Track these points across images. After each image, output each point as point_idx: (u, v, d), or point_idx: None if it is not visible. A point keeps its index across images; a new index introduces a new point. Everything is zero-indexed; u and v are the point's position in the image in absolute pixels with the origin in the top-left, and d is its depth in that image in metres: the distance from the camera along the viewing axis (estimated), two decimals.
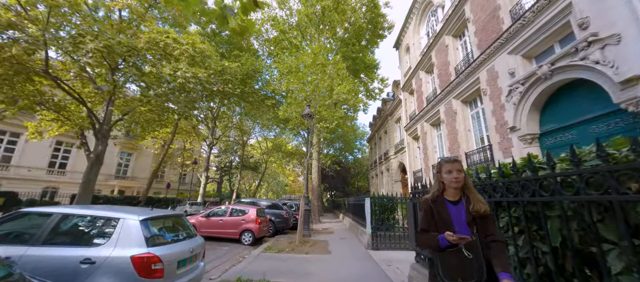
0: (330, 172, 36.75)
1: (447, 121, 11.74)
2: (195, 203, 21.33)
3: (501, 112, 8.25)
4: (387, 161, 22.92)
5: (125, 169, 28.98)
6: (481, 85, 9.27)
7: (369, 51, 22.42)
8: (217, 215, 8.70)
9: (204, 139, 28.56)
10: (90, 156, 14.46)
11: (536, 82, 6.87)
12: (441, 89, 12.34)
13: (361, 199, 9.88)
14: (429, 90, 14.52)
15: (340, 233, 11.20)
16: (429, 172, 13.69)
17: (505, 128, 8.00)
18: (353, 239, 9.30)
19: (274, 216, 10.64)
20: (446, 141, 11.80)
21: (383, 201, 8.02)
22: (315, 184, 17.12)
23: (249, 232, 8.19)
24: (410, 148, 16.95)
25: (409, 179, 17.10)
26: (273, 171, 57.23)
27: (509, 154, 7.89)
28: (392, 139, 21.73)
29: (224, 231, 8.36)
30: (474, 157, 9.95)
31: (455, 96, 11.08)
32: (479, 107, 10.10)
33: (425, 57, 14.49)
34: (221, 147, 42.40)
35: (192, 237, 3.82)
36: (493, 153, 8.62)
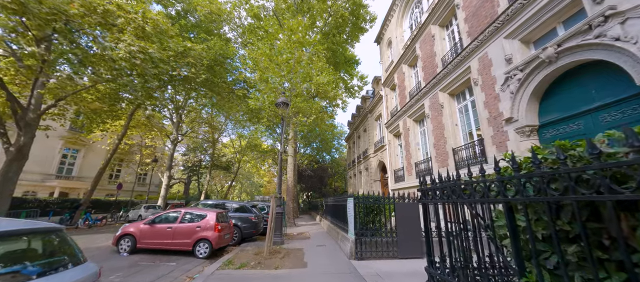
0: (307, 172, 35.44)
1: (433, 116, 11.03)
2: (153, 206, 18.77)
3: (495, 103, 7.55)
4: (366, 159, 22.16)
5: (71, 168, 25.08)
6: (472, 75, 8.57)
7: (349, 45, 21.51)
8: (165, 221, 6.94)
9: (168, 135, 25.68)
10: (9, 149, 11.66)
11: (538, 68, 6.18)
12: (426, 82, 11.63)
13: (342, 199, 8.70)
14: (412, 85, 13.85)
15: (317, 238, 9.92)
16: (412, 171, 12.96)
17: (500, 120, 7.30)
18: (333, 246, 8.06)
19: (241, 220, 9.06)
20: (431, 136, 11.08)
21: (368, 201, 6.89)
22: (291, 184, 15.69)
23: (205, 242, 6.58)
24: (391, 146, 16.22)
25: (389, 179, 16.36)
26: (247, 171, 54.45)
27: (503, 148, 7.18)
28: (372, 137, 21.00)
29: (173, 241, 6.65)
30: (462, 153, 9.26)
31: (442, 89, 10.37)
32: (468, 100, 9.45)
33: (408, 50, 13.80)
34: (189, 144, 39.13)
35: (78, 264, 2.28)
36: (485, 148, 7.92)
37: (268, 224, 6.31)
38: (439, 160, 10.47)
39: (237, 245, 8.67)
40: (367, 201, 6.87)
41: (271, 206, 6.36)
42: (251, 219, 9.19)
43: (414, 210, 6.69)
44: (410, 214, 6.63)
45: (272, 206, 6.44)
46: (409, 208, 6.69)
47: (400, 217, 6.57)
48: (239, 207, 10.09)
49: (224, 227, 7.18)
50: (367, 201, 6.87)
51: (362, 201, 6.84)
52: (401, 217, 6.57)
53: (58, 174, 23.82)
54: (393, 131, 15.98)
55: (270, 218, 6.30)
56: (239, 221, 9.03)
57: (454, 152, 9.53)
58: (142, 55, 9.09)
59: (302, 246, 8.03)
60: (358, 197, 6.87)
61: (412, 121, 13.39)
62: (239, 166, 39.92)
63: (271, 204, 6.41)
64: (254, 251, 7.04)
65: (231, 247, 8.38)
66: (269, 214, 6.53)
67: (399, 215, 6.58)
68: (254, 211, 9.70)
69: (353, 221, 6.73)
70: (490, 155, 7.65)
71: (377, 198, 6.95)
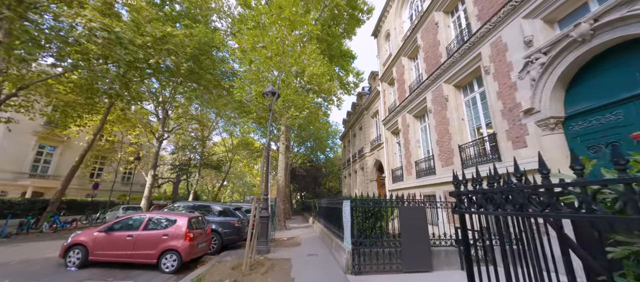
0: (301, 172, 34.35)
1: (436, 110, 10.12)
2: (133, 207, 17.41)
3: (511, 93, 6.65)
4: (361, 159, 21.23)
5: (46, 166, 23.40)
6: (482, 62, 7.66)
7: (345, 40, 20.50)
8: (125, 228, 5.79)
9: (153, 131, 24.26)
10: None
11: (567, 49, 5.28)
12: (428, 74, 10.73)
13: (336, 201, 7.68)
14: (412, 78, 12.93)
15: (309, 245, 8.88)
16: (412, 170, 12.04)
17: (517, 112, 6.40)
18: (326, 256, 7.03)
19: (222, 225, 7.95)
20: (434, 133, 10.17)
21: (368, 205, 5.89)
22: (282, 184, 14.59)
23: (172, 254, 5.47)
24: (389, 144, 15.31)
25: (386, 178, 15.44)
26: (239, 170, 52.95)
27: (521, 143, 6.28)
28: (368, 135, 20.08)
29: (134, 253, 5.51)
30: (470, 150, 8.36)
31: (447, 80, 9.47)
32: (476, 91, 8.55)
33: (408, 41, 12.88)
34: (178, 142, 37.55)
35: None
36: (498, 144, 7.01)
37: (249, 231, 5.25)
38: (442, 158, 9.56)
39: (216, 254, 7.56)
40: (367, 204, 5.87)
41: (252, 210, 5.29)
42: (233, 223, 8.08)
43: (420, 215, 5.72)
44: (416, 220, 5.66)
45: (253, 210, 5.37)
46: (415, 213, 5.72)
47: (405, 223, 5.59)
48: (222, 210, 8.97)
49: (198, 234, 6.08)
50: (367, 205, 5.86)
51: (361, 205, 5.84)
52: (406, 223, 5.59)
53: (32, 172, 22.15)
54: (391, 128, 15.07)
55: (251, 225, 5.24)
56: (219, 226, 7.91)
57: (460, 149, 8.62)
58: (106, 34, 7.88)
59: (291, 256, 6.98)
60: (355, 200, 5.87)
61: (412, 117, 12.48)
62: (230, 165, 38.55)
63: (252, 208, 5.34)
64: (233, 263, 5.96)
65: (209, 257, 7.27)
66: (250, 220, 5.46)
67: (404, 221, 5.60)
68: (237, 214, 8.59)
69: (350, 228, 5.72)
70: (504, 152, 6.75)
71: (377, 201, 5.96)
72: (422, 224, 5.66)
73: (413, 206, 5.82)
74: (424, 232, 5.63)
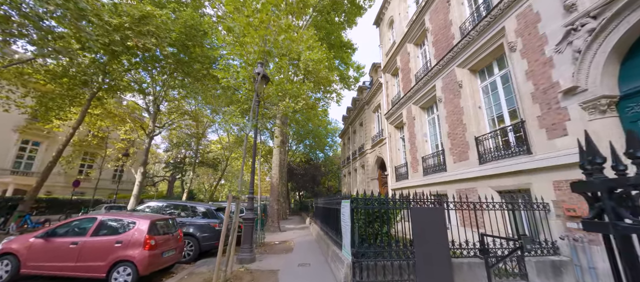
0: (299, 171, 33.19)
1: (447, 99, 8.98)
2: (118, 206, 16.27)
3: (544, 71, 5.51)
4: (362, 156, 20.09)
5: (30, 163, 22.25)
6: (507, 38, 6.52)
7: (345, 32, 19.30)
8: (71, 233, 4.66)
9: (143, 127, 23.11)
10: None
11: (628, 7, 4.13)
12: (438, 59, 9.58)
13: (334, 201, 6.54)
14: (418, 66, 11.79)
15: (302, 250, 7.74)
16: (418, 167, 10.91)
17: (554, 93, 5.26)
18: (320, 266, 5.89)
19: (200, 228, 6.79)
20: (444, 124, 9.03)
21: (371, 206, 4.74)
22: (276, 182, 13.43)
23: (126, 266, 4.33)
24: (392, 139, 14.17)
25: (389, 177, 14.31)
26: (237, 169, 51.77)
27: (559, 131, 5.15)
28: (369, 130, 18.94)
29: (78, 265, 4.36)
30: (488, 143, 7.22)
31: (461, 63, 8.32)
32: (497, 74, 7.40)
33: (415, 26, 11.73)
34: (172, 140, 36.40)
35: None
36: (527, 133, 5.87)
37: (221, 238, 4.10)
38: (455, 152, 8.42)
39: (191, 262, 6.42)
40: (371, 205, 4.72)
41: (226, 211, 4.12)
42: (213, 226, 6.94)
43: (437, 219, 4.58)
44: (432, 224, 4.52)
45: (227, 211, 4.19)
46: (431, 216, 4.58)
47: (419, 229, 4.45)
48: (206, 211, 7.82)
49: (164, 241, 4.95)
50: (371, 206, 4.72)
51: (363, 206, 4.70)
52: (420, 229, 4.45)
53: (14, 169, 21.00)
54: (394, 122, 13.93)
55: (223, 230, 4.09)
56: (197, 229, 6.77)
57: (477, 141, 7.48)
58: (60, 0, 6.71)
59: (279, 266, 5.84)
60: (356, 200, 4.73)
61: (418, 108, 11.34)
62: (226, 163, 37.40)
63: (227, 208, 4.18)
64: (206, 276, 4.82)
65: (183, 266, 6.14)
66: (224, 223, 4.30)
67: (417, 226, 4.46)
68: (220, 216, 7.43)
69: (350, 234, 4.58)
70: (536, 143, 5.61)
71: (383, 201, 4.81)
72: (440, 230, 4.52)
73: (429, 207, 4.68)
74: (442, 240, 4.49)
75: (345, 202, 5.08)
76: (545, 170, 5.33)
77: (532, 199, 5.52)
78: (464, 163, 7.92)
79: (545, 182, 5.37)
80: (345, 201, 5.03)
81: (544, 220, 5.28)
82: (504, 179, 6.39)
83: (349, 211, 4.70)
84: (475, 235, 5.16)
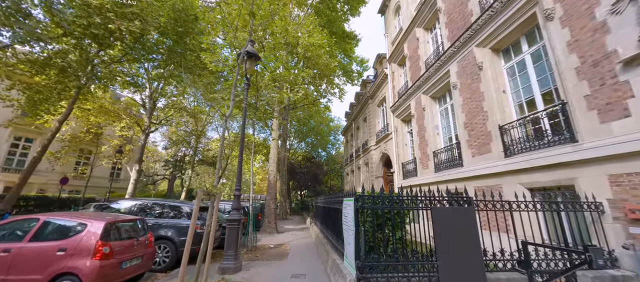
0: (301, 170, 32.22)
1: (464, 84, 7.93)
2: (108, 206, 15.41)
3: (595, 38, 4.45)
4: (366, 153, 19.06)
5: (23, 160, 21.61)
6: (541, 5, 5.44)
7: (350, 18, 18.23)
8: (6, 238, 3.74)
9: (138, 123, 22.36)
10: None
11: None
12: (452, 41, 8.53)
13: (335, 200, 5.55)
14: (428, 52, 10.73)
15: (298, 257, 6.77)
16: (428, 162, 9.87)
17: (610, 65, 4.21)
18: (318, 279, 4.91)
19: (178, 231, 5.83)
20: (460, 114, 7.98)
21: (382, 205, 3.73)
22: (274, 178, 12.47)
23: (70, 281, 3.41)
24: (399, 133, 13.13)
25: (395, 174, 13.28)
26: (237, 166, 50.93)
27: (617, 112, 4.09)
28: (374, 126, 17.89)
29: (9, 278, 3.45)
30: (515, 132, 6.16)
31: (481, 43, 7.27)
32: (526, 52, 6.32)
33: (424, 8, 10.67)
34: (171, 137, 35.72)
35: None
36: (571, 117, 4.81)
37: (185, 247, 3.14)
38: (473, 144, 7.37)
39: (167, 271, 5.48)
40: (380, 204, 3.72)
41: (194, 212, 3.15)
42: (195, 229, 6.00)
43: (467, 221, 3.56)
44: (460, 228, 3.51)
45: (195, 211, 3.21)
46: (458, 218, 3.57)
47: (443, 234, 3.44)
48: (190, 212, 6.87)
49: (123, 247, 4.00)
50: (381, 205, 3.72)
51: (370, 205, 3.70)
52: (444, 234, 3.44)
53: (5, 166, 20.38)
54: (401, 115, 12.89)
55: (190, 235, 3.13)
56: (176, 233, 5.83)
57: (501, 131, 6.43)
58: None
59: (268, 277, 4.87)
60: (362, 197, 3.73)
61: (428, 98, 10.29)
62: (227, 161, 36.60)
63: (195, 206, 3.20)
64: None
65: (155, 276, 5.20)
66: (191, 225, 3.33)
67: (441, 230, 3.45)
68: (203, 216, 6.48)
69: (353, 241, 3.59)
70: (584, 128, 4.56)
71: (396, 198, 3.80)
72: (470, 236, 3.51)
73: (455, 207, 3.67)
74: (473, 249, 3.48)
75: (347, 200, 4.09)
76: (597, 161, 4.28)
77: (578, 197, 4.47)
78: (485, 157, 6.87)
79: (596, 177, 4.32)
80: (348, 200, 4.03)
81: (595, 223, 4.24)
82: (538, 174, 5.34)
83: (352, 212, 3.71)
84: (506, 241, 4.14)
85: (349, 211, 3.94)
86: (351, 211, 3.78)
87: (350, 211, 3.83)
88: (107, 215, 4.57)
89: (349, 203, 3.99)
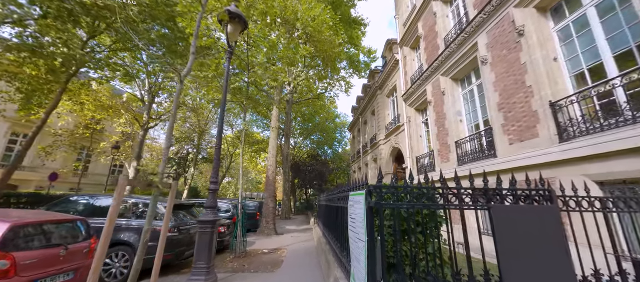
0: (306, 167, 30.98)
1: (498, 57, 6.50)
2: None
3: None
4: (375, 148, 17.66)
5: None
6: None
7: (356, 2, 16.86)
8: None
9: (137, 118, 21.62)
10: None
11: None
12: (481, 7, 7.09)
13: (339, 195, 4.20)
14: (448, 27, 9.30)
15: (294, 267, 5.53)
16: (449, 154, 8.46)
17: None
18: None
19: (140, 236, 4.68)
20: (493, 93, 6.56)
21: (407, 202, 2.38)
22: (271, 175, 11.25)
23: None
24: (412, 124, 11.70)
25: (408, 170, 11.85)
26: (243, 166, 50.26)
27: None
28: (383, 118, 16.47)
29: None
30: (574, 110, 4.72)
31: (520, 3, 5.84)
32: (587, 5, 4.85)
33: None
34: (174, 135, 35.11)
35: None
36: None
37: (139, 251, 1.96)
38: (511, 130, 5.94)
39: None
40: (407, 199, 2.40)
41: (111, 210, 2.01)
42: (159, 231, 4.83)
43: (546, 227, 2.22)
44: (536, 237, 2.17)
45: (112, 209, 2.06)
46: (533, 221, 2.22)
47: (510, 245, 2.10)
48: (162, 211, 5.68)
49: (41, 260, 2.84)
50: (408, 203, 2.38)
51: (390, 203, 2.38)
52: (511, 246, 2.10)
53: (3, 162, 19.91)
54: (415, 104, 11.47)
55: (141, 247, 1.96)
56: (138, 237, 4.65)
57: (554, 109, 4.99)
58: None
59: None
60: (379, 189, 2.40)
61: (449, 81, 8.87)
62: (231, 160, 35.76)
63: (114, 199, 2.05)
64: None
65: None
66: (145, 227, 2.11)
67: (507, 240, 2.11)
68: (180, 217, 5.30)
69: (366, 258, 2.29)
70: None
71: (426, 192, 2.44)
72: (553, 250, 2.18)
73: (527, 206, 2.33)
74: (560, 269, 2.14)
75: (356, 195, 2.78)
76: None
77: None
78: (530, 143, 5.45)
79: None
80: (357, 194, 2.73)
81: None
82: (616, 162, 3.91)
83: (363, 212, 2.41)
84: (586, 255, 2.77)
85: (357, 212, 2.64)
86: (361, 211, 2.48)
87: (360, 211, 2.53)
88: (25, 213, 3.41)
89: (357, 200, 2.69)
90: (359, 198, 2.60)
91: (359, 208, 2.58)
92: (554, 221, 2.25)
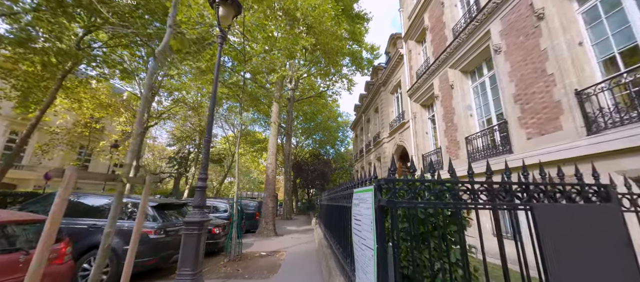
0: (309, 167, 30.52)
1: (513, 45, 6.00)
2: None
3: None
4: (378, 146, 17.17)
5: (21, 155, 20.97)
6: None
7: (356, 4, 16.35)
8: None
9: (136, 116, 21.25)
10: None
11: None
12: None
13: (341, 193, 3.73)
14: (457, 16, 8.80)
15: (293, 270, 5.10)
16: (459, 151, 7.97)
17: None
18: None
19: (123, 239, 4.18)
20: (508, 84, 6.06)
21: (425, 201, 1.91)
22: (272, 172, 10.81)
23: None
24: (418, 121, 11.21)
25: (419, 166, 11.35)
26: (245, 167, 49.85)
27: None
28: (386, 115, 15.97)
29: None
30: (603, 99, 4.23)
31: None
32: None
33: None
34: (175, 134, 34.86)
35: None
36: None
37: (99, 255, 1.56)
38: (530, 123, 5.45)
39: None
40: (425, 195, 1.93)
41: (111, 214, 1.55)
42: (147, 233, 4.38)
43: (604, 231, 1.73)
44: (592, 243, 1.69)
45: (54, 211, 1.68)
46: (587, 224, 1.74)
47: (559, 253, 1.61)
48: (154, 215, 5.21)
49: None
50: (426, 201, 1.91)
51: (401, 202, 1.91)
52: (561, 253, 1.62)
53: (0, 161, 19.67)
54: (420, 99, 10.98)
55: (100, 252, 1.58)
56: (120, 240, 4.20)
57: (580, 99, 4.49)
58: None
59: None
60: (390, 184, 1.93)
61: (458, 73, 8.37)
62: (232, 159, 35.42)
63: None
64: None
65: None
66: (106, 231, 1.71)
67: (554, 246, 1.63)
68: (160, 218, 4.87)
69: (375, 268, 1.83)
70: None
71: (449, 187, 1.96)
72: (613, 260, 1.69)
73: (580, 205, 1.85)
74: None
75: (361, 192, 2.32)
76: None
77: None
78: (552, 136, 4.95)
79: None
80: (363, 191, 2.27)
81: None
82: None
83: (371, 213, 1.96)
84: None
85: (364, 212, 2.18)
86: (369, 211, 2.03)
87: (367, 210, 2.07)
88: None
89: (363, 197, 2.23)
90: (366, 195, 2.14)
91: (365, 207, 2.12)
92: (612, 223, 1.78)
